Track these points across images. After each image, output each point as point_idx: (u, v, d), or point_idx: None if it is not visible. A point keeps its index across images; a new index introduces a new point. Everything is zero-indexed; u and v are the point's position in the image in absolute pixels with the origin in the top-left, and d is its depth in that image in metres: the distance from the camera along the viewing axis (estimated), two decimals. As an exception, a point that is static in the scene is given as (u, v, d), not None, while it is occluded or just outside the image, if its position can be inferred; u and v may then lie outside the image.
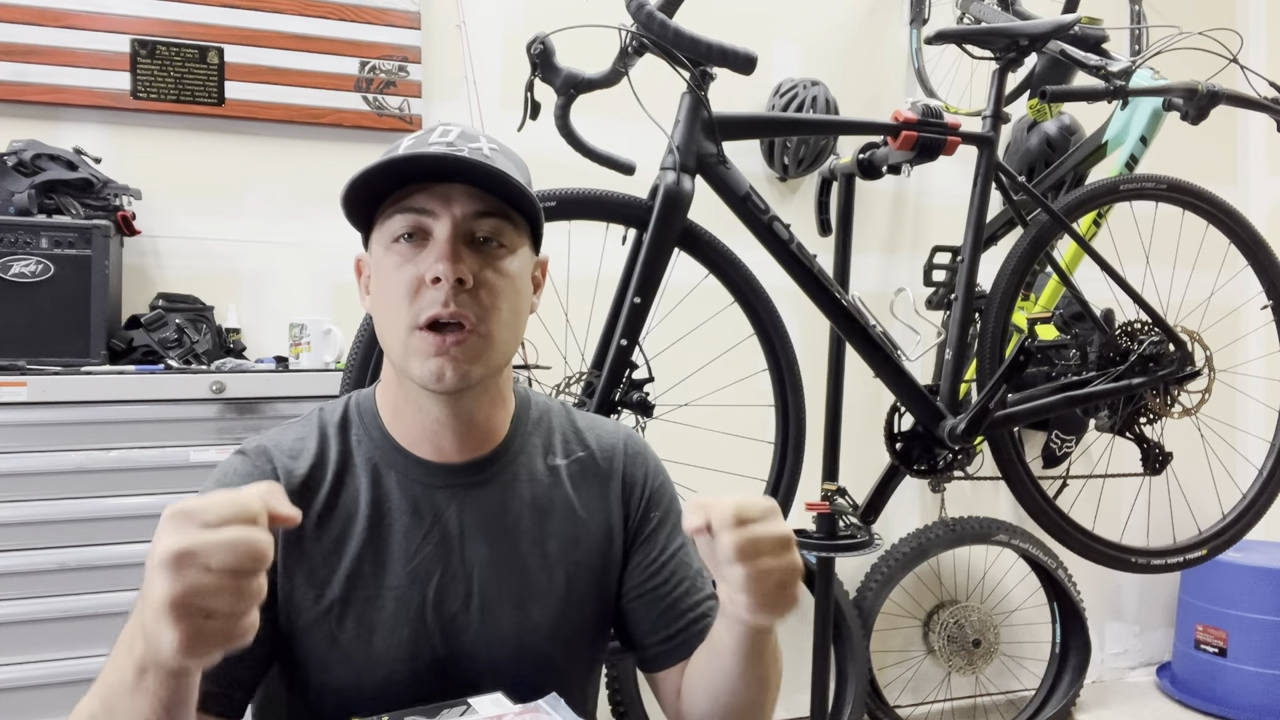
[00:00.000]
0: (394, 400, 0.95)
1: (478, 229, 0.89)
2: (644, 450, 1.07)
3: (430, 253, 0.87)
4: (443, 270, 0.85)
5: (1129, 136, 2.20)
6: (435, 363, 0.86)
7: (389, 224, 0.89)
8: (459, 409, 0.93)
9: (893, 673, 2.82)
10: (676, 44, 1.47)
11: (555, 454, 1.02)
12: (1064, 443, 2.58)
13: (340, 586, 0.90)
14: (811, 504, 2.03)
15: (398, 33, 2.27)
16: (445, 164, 0.87)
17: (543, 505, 0.98)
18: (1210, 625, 2.90)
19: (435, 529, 0.93)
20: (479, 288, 0.87)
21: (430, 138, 0.91)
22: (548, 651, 0.96)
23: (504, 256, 0.90)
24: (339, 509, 0.92)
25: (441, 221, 0.87)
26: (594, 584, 1.00)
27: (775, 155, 2.60)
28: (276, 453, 0.93)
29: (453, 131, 0.92)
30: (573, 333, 1.59)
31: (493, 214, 0.89)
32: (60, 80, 2.04)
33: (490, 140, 0.93)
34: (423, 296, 0.87)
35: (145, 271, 2.12)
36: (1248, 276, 2.09)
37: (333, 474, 0.93)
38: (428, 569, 0.92)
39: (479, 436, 0.96)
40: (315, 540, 0.91)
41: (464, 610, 0.93)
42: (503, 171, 0.87)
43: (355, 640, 0.90)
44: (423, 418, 0.93)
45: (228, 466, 0.93)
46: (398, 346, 0.89)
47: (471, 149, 0.89)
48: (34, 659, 1.63)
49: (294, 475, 0.91)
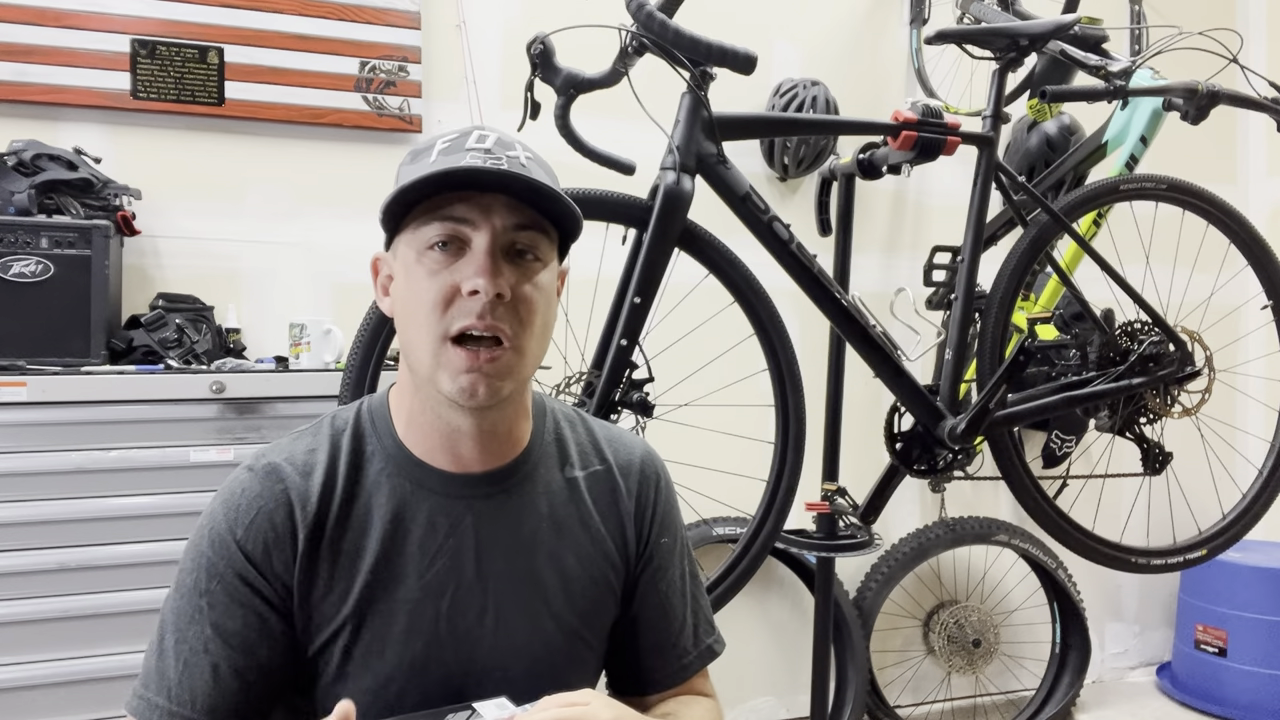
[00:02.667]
0: (409, 408, 0.93)
1: (516, 241, 0.87)
2: (660, 471, 1.06)
3: (468, 264, 0.85)
4: (483, 285, 0.83)
5: (1129, 136, 2.20)
6: (468, 379, 0.85)
7: (423, 230, 0.86)
8: (484, 421, 0.91)
9: (893, 673, 2.82)
10: (676, 44, 1.47)
11: (573, 465, 1.01)
12: (1064, 443, 2.58)
13: (355, 600, 0.88)
14: (811, 504, 2.03)
15: (398, 33, 2.27)
16: (489, 177, 0.85)
17: (560, 518, 0.97)
18: (1210, 625, 2.90)
19: (451, 541, 0.92)
20: (516, 302, 0.86)
21: (466, 143, 0.89)
22: (559, 666, 0.95)
23: (539, 271, 0.89)
24: (353, 523, 0.90)
25: (481, 233, 0.85)
26: (605, 600, 1.00)
27: (775, 155, 2.60)
28: (288, 470, 0.90)
29: (489, 138, 0.90)
30: (573, 333, 1.59)
31: (530, 226, 0.88)
32: (60, 80, 2.04)
33: (525, 148, 0.91)
34: (456, 307, 0.85)
35: (145, 271, 2.12)
36: (1248, 276, 2.09)
37: (345, 487, 0.91)
38: (442, 581, 0.91)
39: (500, 447, 0.95)
40: (330, 557, 0.89)
41: (479, 624, 0.92)
42: (547, 186, 0.86)
43: (368, 654, 0.89)
44: (441, 426, 0.92)
45: (236, 486, 0.90)
46: (426, 358, 0.87)
47: (509, 158, 0.87)
48: (34, 659, 1.63)
49: (307, 495, 0.89)
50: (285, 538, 0.87)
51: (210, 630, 0.85)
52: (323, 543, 0.89)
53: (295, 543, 0.87)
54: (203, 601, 0.85)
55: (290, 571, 0.87)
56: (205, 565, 0.86)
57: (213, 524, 0.88)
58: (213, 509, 0.89)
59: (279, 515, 0.87)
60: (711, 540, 2.42)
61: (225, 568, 0.86)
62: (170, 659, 0.85)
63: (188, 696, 0.84)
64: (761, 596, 2.71)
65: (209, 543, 0.87)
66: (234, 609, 0.85)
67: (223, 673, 0.84)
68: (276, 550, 0.87)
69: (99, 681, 1.65)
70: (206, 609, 0.85)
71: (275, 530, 0.87)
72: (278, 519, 0.87)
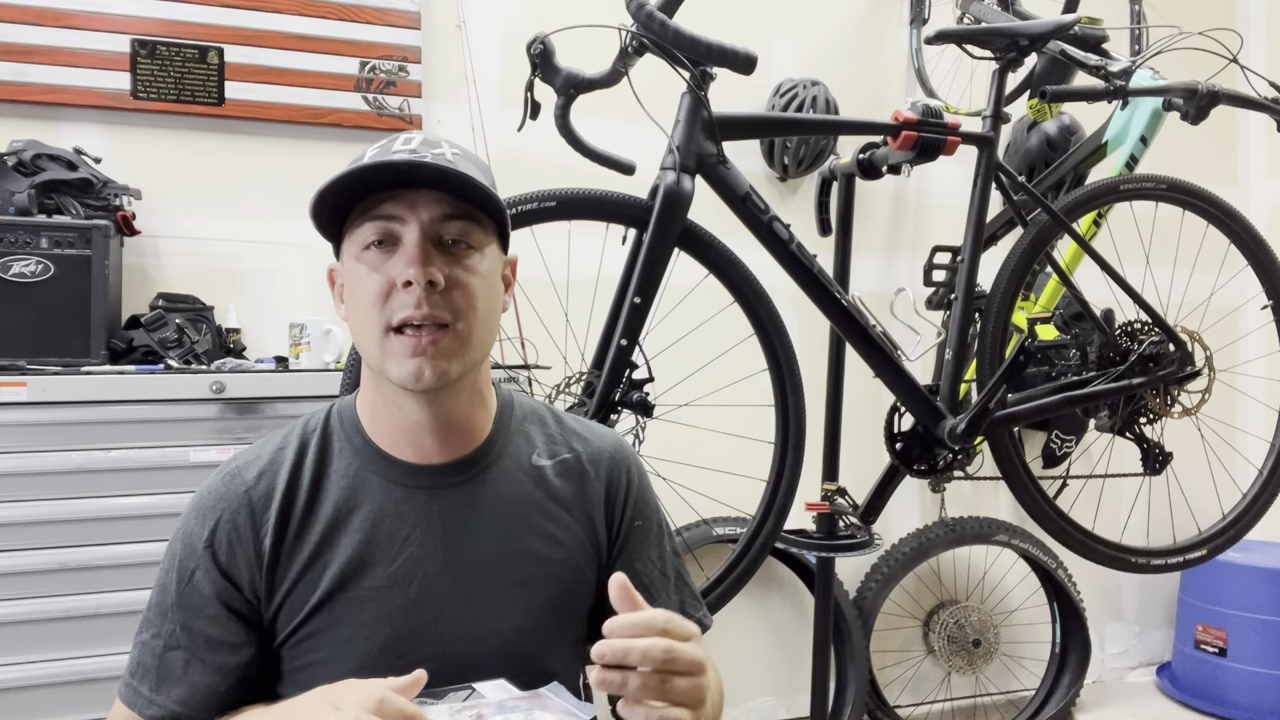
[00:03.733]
0: (372, 404, 0.97)
1: (445, 231, 0.90)
2: (631, 458, 1.08)
3: (400, 257, 0.88)
4: (413, 274, 0.87)
5: (1129, 136, 2.19)
6: (413, 363, 0.88)
7: (358, 233, 0.91)
8: (438, 408, 0.94)
9: (893, 673, 2.82)
10: (676, 44, 1.47)
11: (540, 454, 1.03)
12: (1064, 443, 2.58)
13: (323, 591, 0.91)
14: (811, 504, 2.03)
15: (398, 33, 2.27)
16: (410, 171, 0.88)
17: (527, 506, 0.99)
18: (1210, 625, 2.90)
19: (417, 530, 0.94)
20: (451, 288, 0.89)
21: (393, 146, 0.92)
22: (532, 651, 0.96)
23: (472, 257, 0.92)
24: (318, 516, 0.93)
25: (409, 226, 0.89)
26: (577, 585, 1.01)
27: (775, 155, 2.60)
28: (251, 473, 0.94)
29: (415, 139, 0.93)
30: (573, 333, 1.59)
31: (459, 216, 0.91)
32: (60, 80, 2.04)
33: (452, 145, 0.95)
34: (394, 300, 0.88)
35: (145, 271, 2.12)
36: (1248, 276, 2.09)
37: (311, 481, 0.94)
38: (409, 570, 0.93)
39: (460, 436, 0.97)
40: (297, 550, 0.92)
41: (447, 609, 0.94)
42: (466, 174, 0.88)
43: (335, 642, 0.91)
44: (402, 419, 0.95)
45: (205, 489, 0.95)
46: (374, 350, 0.91)
47: (434, 155, 0.90)
48: (34, 659, 1.63)
49: (270, 494, 0.93)
50: (248, 537, 0.92)
51: (180, 629, 0.91)
52: (287, 537, 0.93)
53: (258, 540, 0.92)
54: (175, 600, 0.91)
55: (255, 569, 0.92)
56: (177, 566, 0.92)
57: (185, 526, 0.94)
58: (186, 512, 0.95)
59: (240, 516, 0.92)
60: (711, 540, 2.42)
61: (194, 568, 0.92)
62: (149, 652, 0.91)
63: (165, 687, 0.90)
64: (761, 596, 2.71)
65: (181, 544, 0.93)
66: (203, 608, 0.91)
67: (193, 668, 0.90)
68: (240, 549, 0.92)
69: (99, 681, 1.65)
70: (177, 608, 0.91)
71: (237, 530, 0.92)
72: (240, 520, 0.92)
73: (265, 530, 0.92)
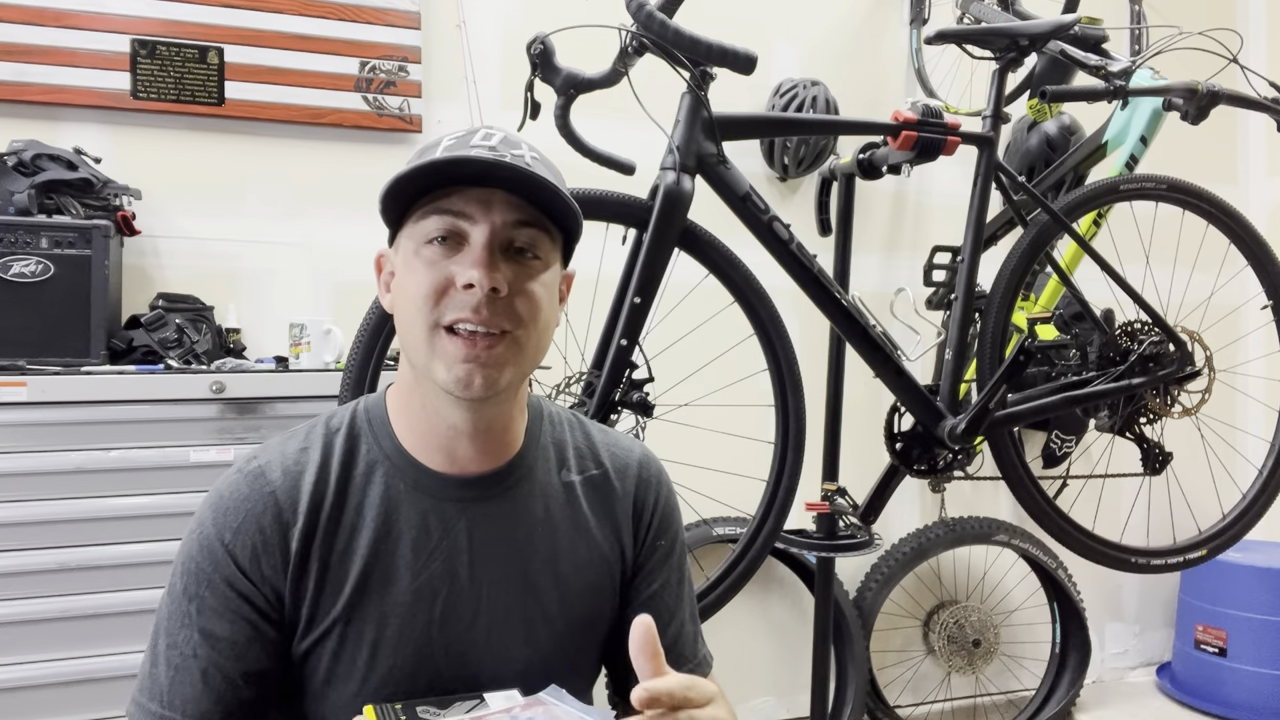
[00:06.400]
0: (407, 404, 0.92)
1: (516, 238, 0.86)
2: (659, 474, 1.05)
3: (465, 257, 0.84)
4: (477, 277, 0.82)
5: (1129, 136, 2.19)
6: (464, 368, 0.84)
7: (423, 224, 0.86)
8: (480, 417, 0.90)
9: (893, 673, 2.82)
10: (676, 44, 1.47)
11: (570, 469, 0.99)
12: (1064, 443, 2.58)
13: (345, 602, 0.87)
14: (811, 504, 2.03)
15: (398, 33, 2.27)
16: (489, 169, 0.84)
17: (556, 523, 0.96)
18: (1210, 625, 2.90)
19: (444, 543, 0.90)
20: (513, 297, 0.85)
21: (472, 140, 0.88)
22: (552, 671, 0.93)
23: (539, 270, 0.88)
24: (344, 524, 0.89)
25: (480, 227, 0.84)
26: (600, 605, 0.99)
27: (775, 155, 2.60)
28: (277, 473, 0.88)
29: (495, 136, 0.88)
30: (573, 333, 1.59)
31: (531, 224, 0.87)
32: (60, 80, 2.04)
33: (531, 148, 0.90)
34: (450, 299, 0.84)
35: (145, 271, 2.12)
36: (1248, 276, 2.09)
37: (337, 488, 0.90)
38: (434, 586, 0.90)
39: (496, 446, 0.93)
40: (321, 559, 0.88)
41: (471, 628, 0.91)
42: (548, 180, 0.84)
43: (358, 657, 0.88)
44: (438, 424, 0.90)
45: (225, 489, 0.89)
46: (420, 348, 0.86)
47: (514, 155, 0.85)
48: (34, 659, 1.63)
49: (297, 497, 0.88)
50: (274, 541, 0.86)
51: (199, 636, 0.84)
52: (313, 545, 0.88)
53: (284, 546, 0.86)
54: (191, 607, 0.85)
55: (280, 575, 0.86)
56: (194, 570, 0.86)
57: (201, 528, 0.87)
58: (202, 513, 0.88)
59: (267, 519, 0.86)
60: (711, 540, 2.42)
61: (213, 572, 0.85)
62: (162, 664, 0.85)
63: (179, 702, 0.84)
64: (761, 596, 2.71)
65: (198, 547, 0.87)
66: (223, 614, 0.85)
67: (212, 678, 0.84)
68: (265, 554, 0.86)
69: (99, 681, 1.65)
70: (195, 614, 0.85)
71: (263, 534, 0.86)
72: (265, 522, 0.86)
73: (293, 534, 0.87)
